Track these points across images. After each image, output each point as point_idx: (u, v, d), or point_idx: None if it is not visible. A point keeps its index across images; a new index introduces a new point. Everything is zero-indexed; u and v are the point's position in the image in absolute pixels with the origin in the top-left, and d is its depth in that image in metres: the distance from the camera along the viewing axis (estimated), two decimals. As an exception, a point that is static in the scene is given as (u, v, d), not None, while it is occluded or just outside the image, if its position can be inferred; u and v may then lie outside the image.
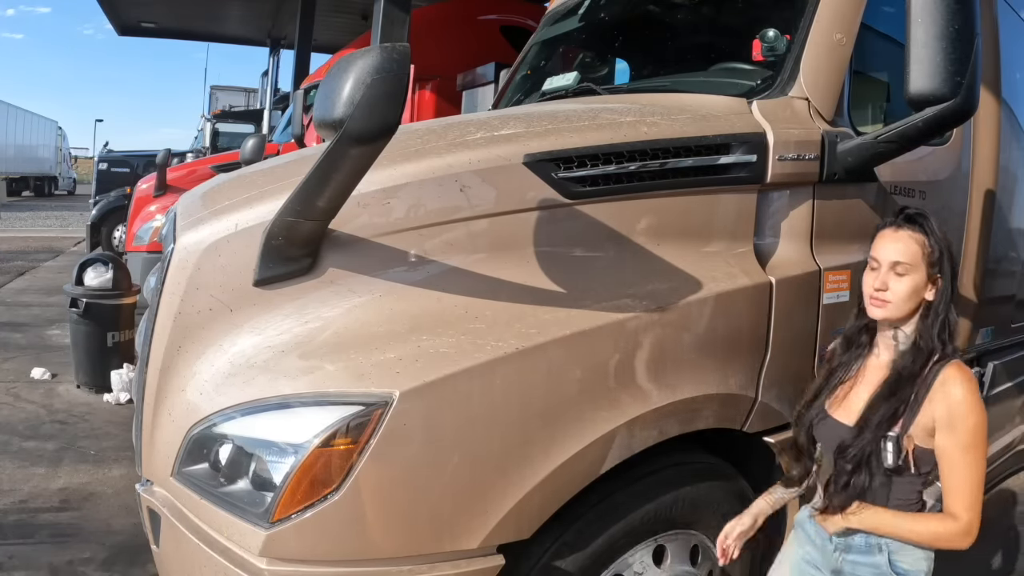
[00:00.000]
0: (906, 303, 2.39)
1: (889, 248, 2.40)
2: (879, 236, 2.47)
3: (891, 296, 2.38)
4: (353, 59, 1.85)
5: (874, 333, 2.56)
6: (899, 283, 2.37)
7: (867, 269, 2.49)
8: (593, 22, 4.30)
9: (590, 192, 2.47)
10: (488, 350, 2.14)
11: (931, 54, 2.61)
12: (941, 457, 2.29)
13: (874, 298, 2.40)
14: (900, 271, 2.37)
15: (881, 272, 2.40)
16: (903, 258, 2.37)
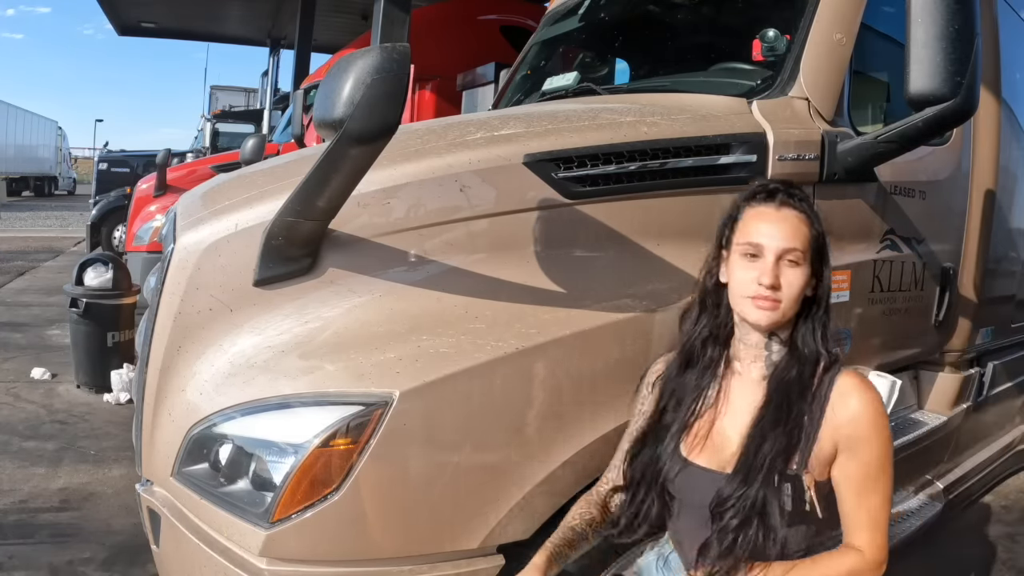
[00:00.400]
0: (797, 302, 1.99)
1: (775, 231, 1.98)
2: (753, 214, 2.04)
3: (783, 294, 1.95)
4: (353, 59, 1.85)
5: (725, 345, 2.14)
6: (792, 276, 1.96)
7: (734, 258, 2.05)
8: (593, 22, 4.30)
9: (590, 192, 2.47)
10: (488, 350, 2.14)
11: (931, 54, 2.61)
12: (843, 484, 1.95)
13: (760, 298, 1.95)
14: (792, 259, 1.96)
15: (766, 262, 1.95)
16: (797, 243, 1.97)
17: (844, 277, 3.02)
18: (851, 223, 3.11)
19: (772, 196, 2.04)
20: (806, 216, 2.02)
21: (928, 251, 3.62)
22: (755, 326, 2.02)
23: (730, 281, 2.07)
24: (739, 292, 2.01)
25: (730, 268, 2.07)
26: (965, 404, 4.22)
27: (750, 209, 2.06)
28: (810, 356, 2.01)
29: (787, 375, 2.00)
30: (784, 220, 2.00)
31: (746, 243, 2.01)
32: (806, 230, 2.00)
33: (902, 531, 3.68)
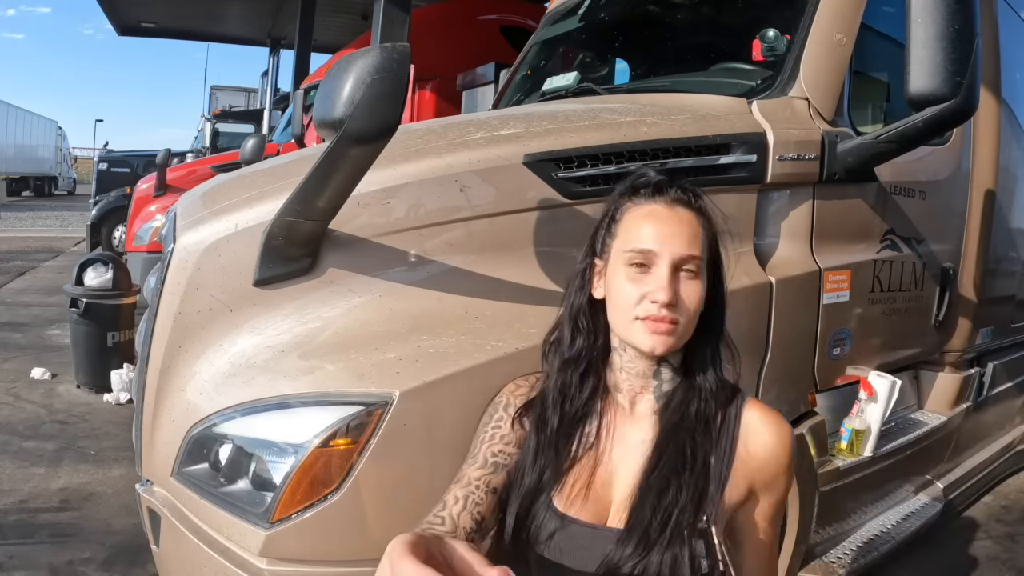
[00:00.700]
0: (695, 321, 1.66)
1: (670, 234, 1.63)
2: (640, 214, 1.69)
3: (682, 312, 1.62)
4: (353, 59, 1.85)
5: (600, 375, 1.78)
6: (691, 290, 1.63)
7: (615, 269, 1.70)
8: (593, 22, 4.30)
9: (590, 192, 2.47)
10: (488, 350, 2.14)
11: (931, 54, 2.61)
12: (748, 530, 1.72)
13: (655, 319, 1.59)
14: (691, 269, 1.63)
15: (660, 274, 1.60)
16: (696, 249, 1.64)
17: (844, 277, 3.03)
18: (851, 223, 3.11)
19: (661, 190, 1.70)
20: (703, 216, 1.71)
21: (928, 251, 3.62)
22: (647, 354, 1.64)
23: (610, 297, 1.70)
24: (625, 312, 1.64)
25: (609, 281, 1.71)
26: (965, 404, 4.23)
27: (635, 207, 1.71)
28: (709, 385, 1.71)
29: (685, 410, 1.68)
30: (680, 221, 1.65)
31: (633, 250, 1.64)
32: (703, 233, 1.68)
33: (902, 531, 3.68)
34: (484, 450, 1.75)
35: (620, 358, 1.76)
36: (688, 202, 1.71)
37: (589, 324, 1.78)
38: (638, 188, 1.75)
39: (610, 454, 1.72)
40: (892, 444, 3.47)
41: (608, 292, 1.73)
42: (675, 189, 1.71)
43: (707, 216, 1.73)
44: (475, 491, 1.66)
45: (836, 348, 3.08)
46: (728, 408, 1.72)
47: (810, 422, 2.92)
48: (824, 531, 3.38)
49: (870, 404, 3.19)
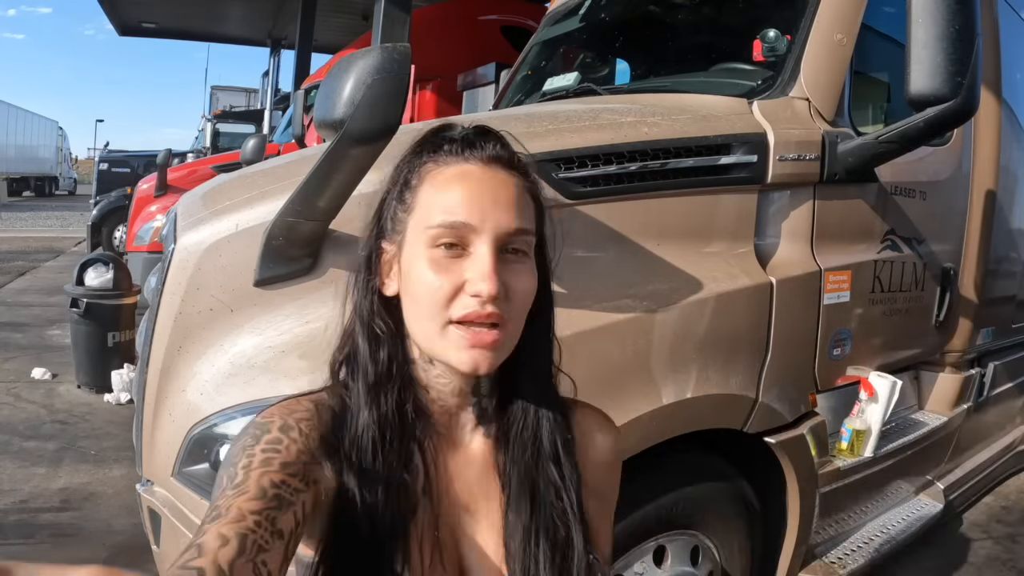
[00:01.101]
0: (524, 319, 1.26)
1: (491, 201, 1.20)
2: (448, 176, 1.23)
3: (512, 309, 1.21)
4: (354, 59, 1.85)
5: (414, 394, 1.31)
6: (522, 276, 1.23)
7: (412, 253, 1.23)
8: (594, 22, 4.30)
9: (591, 192, 2.46)
10: (488, 350, 2.13)
11: (932, 54, 2.62)
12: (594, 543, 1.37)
13: (479, 320, 1.16)
14: (519, 249, 1.22)
15: (480, 257, 1.17)
16: (525, 222, 1.23)
17: (845, 277, 3.03)
18: (852, 223, 3.11)
19: (474, 145, 1.25)
20: (530, 181, 1.31)
21: (929, 251, 3.62)
22: (468, 373, 1.21)
23: (409, 294, 1.24)
24: (431, 314, 1.20)
25: (406, 271, 1.24)
26: (966, 404, 4.23)
27: (438, 169, 1.25)
28: (545, 397, 1.37)
29: (536, 435, 1.33)
30: (503, 185, 1.23)
31: (440, 225, 1.19)
32: (532, 203, 1.28)
33: (903, 531, 3.68)
34: (257, 478, 1.11)
35: (425, 373, 1.31)
36: (510, 161, 1.27)
37: (390, 327, 1.31)
38: (441, 142, 1.27)
39: (450, 500, 1.31)
40: (893, 444, 3.47)
41: (405, 287, 1.25)
42: (493, 143, 1.27)
43: (534, 182, 1.32)
44: (254, 530, 1.05)
45: (837, 348, 3.08)
46: (567, 417, 1.41)
47: (811, 422, 2.92)
48: (825, 531, 3.38)
49: (871, 404, 3.19)
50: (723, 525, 2.74)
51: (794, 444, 2.82)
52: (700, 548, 2.76)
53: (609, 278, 2.45)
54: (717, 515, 2.72)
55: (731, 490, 2.79)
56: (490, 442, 1.36)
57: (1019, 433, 5.48)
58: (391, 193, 1.32)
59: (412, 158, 1.30)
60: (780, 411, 2.79)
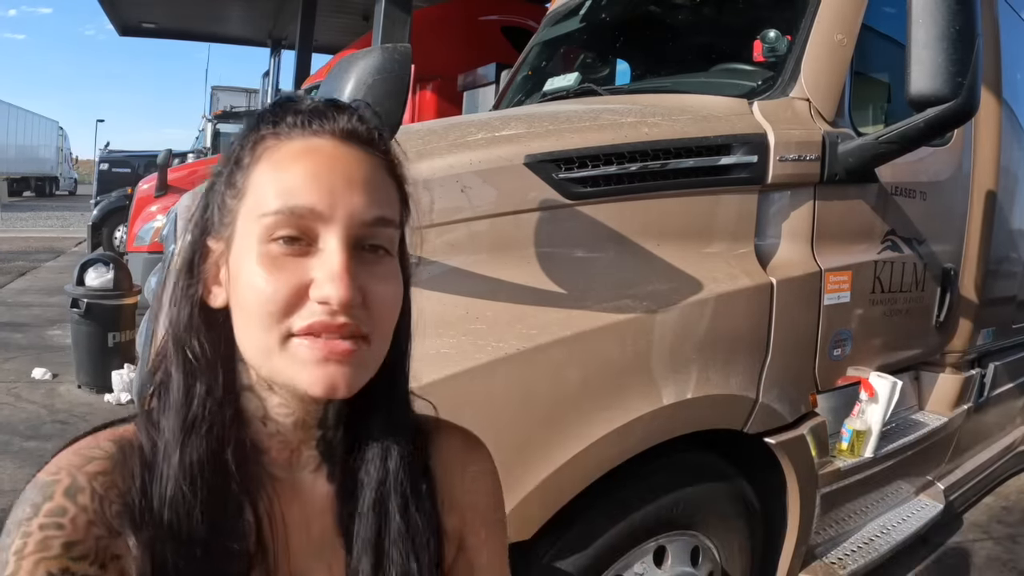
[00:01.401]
0: (391, 334, 1.06)
1: (347, 183, 0.97)
2: (289, 153, 0.98)
3: (374, 318, 0.98)
4: (355, 59, 1.86)
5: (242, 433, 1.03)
6: (385, 278, 1.01)
7: (243, 249, 0.98)
8: (594, 23, 4.30)
9: (591, 193, 2.46)
10: (489, 351, 2.13)
11: (932, 55, 2.62)
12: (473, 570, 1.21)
13: (329, 331, 0.94)
14: (379, 246, 1.00)
15: (330, 252, 0.94)
16: (388, 209, 1.02)
17: (845, 278, 3.03)
18: (852, 224, 3.11)
19: (325, 116, 1.02)
20: (394, 163, 1.09)
21: (929, 252, 3.62)
22: (325, 393, 0.95)
23: (239, 302, 0.98)
24: (266, 326, 0.94)
25: (236, 273, 0.99)
26: (966, 405, 4.23)
27: (279, 143, 1.00)
28: (400, 429, 1.12)
29: (385, 479, 1.09)
30: (360, 164, 0.99)
31: (278, 212, 0.94)
32: (396, 189, 1.07)
33: (903, 532, 3.68)
34: (31, 569, 0.87)
35: (263, 403, 1.04)
36: (369, 137, 1.03)
37: (211, 353, 1.01)
38: (284, 114, 1.02)
39: (289, 559, 1.06)
40: (893, 445, 3.46)
41: (235, 293, 0.99)
42: (348, 115, 1.03)
43: (399, 164, 1.10)
44: None
45: (837, 349, 3.08)
46: (427, 446, 1.20)
47: (811, 423, 2.92)
48: (825, 532, 3.38)
49: (871, 405, 3.19)
50: (723, 525, 2.74)
51: (794, 445, 2.82)
52: (700, 548, 2.76)
53: (609, 278, 2.45)
54: (717, 515, 2.72)
55: (731, 490, 2.79)
56: (334, 487, 1.11)
57: (1019, 433, 5.48)
58: (219, 176, 1.04)
59: (247, 133, 1.03)
60: (780, 411, 2.79)
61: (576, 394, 2.27)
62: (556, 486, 2.23)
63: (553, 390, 2.24)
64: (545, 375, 2.22)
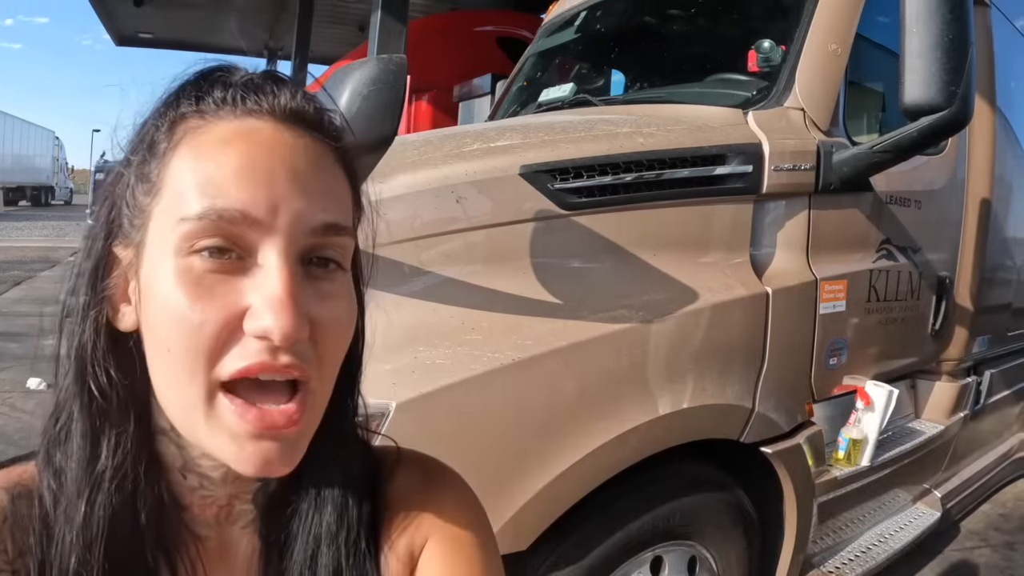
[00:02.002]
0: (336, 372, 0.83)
1: (291, 178, 0.76)
2: (214, 135, 0.76)
3: (325, 358, 0.79)
4: (350, 70, 1.86)
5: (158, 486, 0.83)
6: (338, 299, 0.80)
7: (156, 263, 0.75)
8: (588, 34, 4.32)
9: (586, 203, 2.47)
10: (484, 361, 2.13)
11: (926, 64, 2.63)
12: None
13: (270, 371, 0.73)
14: (330, 259, 0.80)
15: (270, 270, 0.73)
16: (343, 214, 0.83)
17: (840, 287, 3.03)
18: (847, 233, 3.12)
19: (262, 90, 0.81)
20: (343, 151, 0.88)
21: (924, 260, 3.63)
22: (257, 474, 0.76)
23: (151, 330, 0.77)
24: (188, 370, 0.73)
25: (147, 292, 0.77)
26: (962, 413, 4.24)
27: (204, 125, 0.78)
28: (343, 465, 0.92)
29: (321, 537, 0.88)
30: (305, 153, 0.79)
31: (202, 215, 0.72)
32: (348, 185, 0.88)
33: (900, 540, 3.68)
34: None
35: (182, 452, 0.85)
36: (319, 119, 0.84)
37: (122, 390, 0.80)
38: (211, 87, 0.81)
39: None
40: (889, 453, 3.47)
41: (147, 318, 0.78)
42: (290, 91, 0.82)
43: (351, 155, 0.90)
44: None
45: (833, 358, 3.09)
46: (382, 480, 0.99)
47: (807, 432, 2.92)
48: (822, 540, 3.38)
49: (867, 414, 3.19)
50: (720, 535, 2.74)
51: (791, 454, 2.82)
52: (697, 558, 2.76)
53: (605, 288, 2.45)
54: (714, 525, 2.72)
55: (728, 500, 2.79)
56: (265, 543, 0.91)
57: (1016, 441, 5.49)
58: (128, 165, 0.81)
59: (164, 109, 0.81)
60: (776, 421, 2.79)
61: (572, 405, 2.26)
62: (552, 497, 2.22)
63: (549, 401, 2.23)
64: (541, 386, 2.22)
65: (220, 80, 0.81)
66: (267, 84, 0.81)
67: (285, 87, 0.82)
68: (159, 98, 0.82)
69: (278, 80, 0.83)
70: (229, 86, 0.80)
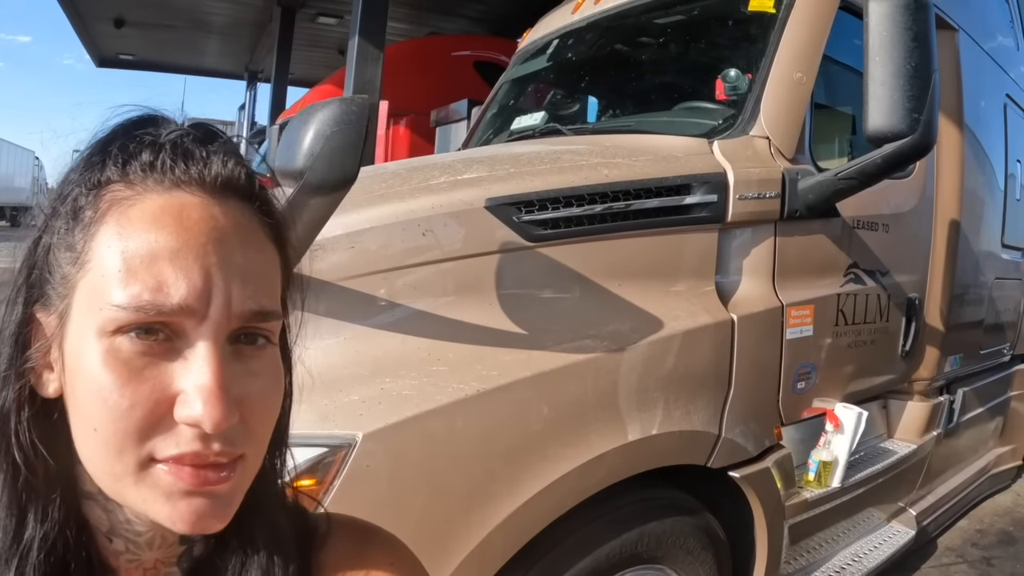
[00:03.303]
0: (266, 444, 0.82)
1: (223, 262, 0.73)
2: (144, 209, 0.73)
3: (252, 437, 0.77)
4: (314, 110, 1.89)
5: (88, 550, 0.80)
6: (264, 380, 0.78)
7: (80, 337, 0.73)
8: (560, 62, 4.37)
9: (551, 235, 2.50)
10: (449, 392, 2.15)
11: (888, 91, 2.69)
12: None
13: (199, 467, 0.72)
14: (262, 335, 0.78)
15: (200, 359, 0.72)
16: (273, 298, 0.80)
17: (807, 312, 3.07)
18: (813, 258, 3.16)
19: (191, 156, 0.78)
20: (274, 220, 0.84)
21: (893, 282, 3.67)
22: (193, 531, 0.76)
23: (77, 406, 0.74)
24: (117, 448, 0.72)
25: (74, 367, 0.74)
26: (935, 431, 4.27)
27: (131, 196, 0.74)
28: (269, 531, 0.88)
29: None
30: (238, 232, 0.77)
31: (132, 306, 0.70)
32: (277, 257, 0.83)
33: (875, 559, 3.70)
34: None
35: (107, 515, 0.82)
36: (250, 187, 0.82)
37: (47, 459, 0.77)
38: (139, 148, 0.77)
39: None
40: (861, 474, 3.50)
41: (72, 392, 0.75)
42: (223, 155, 0.81)
43: (280, 221, 0.85)
44: None
45: (801, 382, 3.12)
46: (310, 547, 0.94)
47: (776, 455, 2.94)
48: (796, 561, 3.40)
49: (837, 436, 3.22)
50: (690, 559, 2.76)
51: (759, 477, 2.84)
52: (666, 583, 2.78)
53: (570, 319, 2.48)
54: (683, 549, 2.73)
55: (697, 524, 2.80)
56: None
57: (992, 456, 5.54)
58: (50, 229, 0.78)
59: (88, 172, 0.77)
60: (744, 445, 2.82)
61: (538, 433, 2.28)
62: (519, 524, 2.24)
63: (515, 430, 2.25)
64: (507, 415, 2.24)
65: (147, 140, 0.77)
66: (197, 149, 0.78)
67: (216, 151, 0.79)
68: (82, 154, 0.79)
69: (209, 139, 0.80)
70: (157, 148, 0.76)
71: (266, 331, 0.79)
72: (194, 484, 0.72)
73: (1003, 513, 5.65)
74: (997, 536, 5.25)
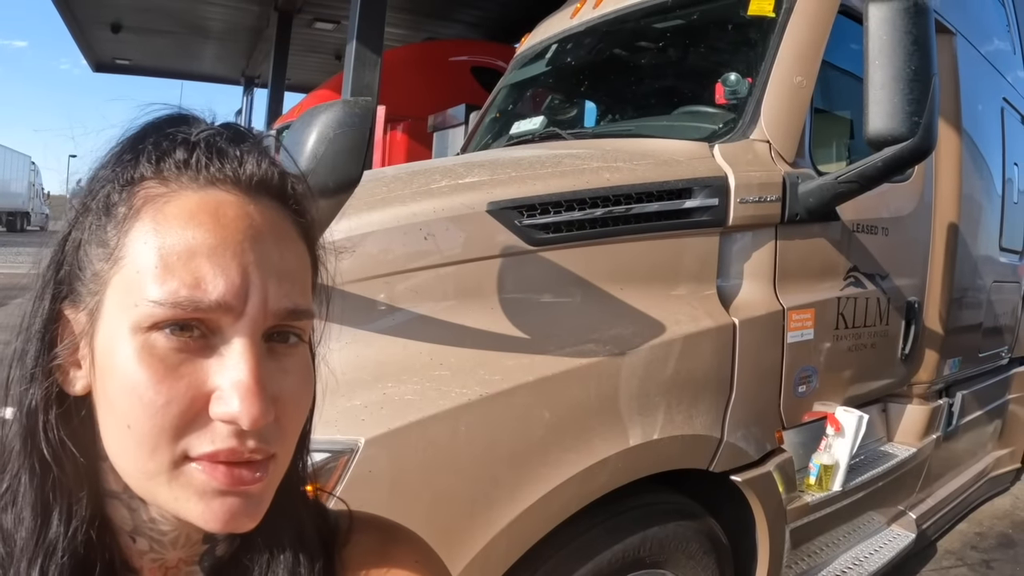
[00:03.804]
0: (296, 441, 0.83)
1: (260, 261, 0.74)
2: (178, 208, 0.73)
3: (284, 433, 0.78)
4: (317, 113, 1.88)
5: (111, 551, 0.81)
6: (296, 377, 0.79)
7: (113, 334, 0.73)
8: (559, 66, 4.37)
9: (553, 239, 2.50)
10: (452, 397, 2.14)
11: (888, 95, 2.69)
12: None
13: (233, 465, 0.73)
14: (293, 332, 0.79)
15: (236, 357, 0.72)
16: (306, 296, 0.82)
17: (808, 315, 3.07)
18: (814, 262, 3.16)
19: (226, 155, 0.78)
20: (306, 219, 0.85)
21: (892, 286, 3.68)
22: (224, 530, 0.76)
23: (108, 404, 0.75)
24: (150, 446, 0.72)
25: (104, 365, 0.74)
26: (935, 435, 4.27)
27: (166, 193, 0.75)
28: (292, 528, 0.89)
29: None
30: (274, 231, 0.78)
31: (169, 302, 0.70)
32: (308, 258, 0.86)
33: (875, 563, 3.70)
34: None
35: (132, 514, 0.82)
36: (284, 188, 0.81)
37: (73, 456, 0.77)
38: (172, 146, 0.77)
39: None
40: (862, 477, 3.50)
41: (103, 389, 0.75)
42: (256, 156, 0.79)
43: (312, 221, 0.87)
44: None
45: (802, 385, 3.11)
46: (334, 544, 0.96)
47: (777, 459, 2.94)
48: (797, 565, 3.39)
49: (837, 439, 3.22)
50: (692, 563, 2.75)
51: (761, 481, 2.84)
52: (669, 587, 2.78)
53: (572, 323, 2.48)
54: (686, 554, 2.73)
55: (699, 528, 2.80)
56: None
57: (991, 459, 5.54)
58: (80, 224, 0.78)
59: (120, 168, 0.77)
60: (746, 450, 2.82)
61: (541, 438, 2.28)
62: (522, 529, 2.23)
63: (517, 434, 2.25)
64: (509, 420, 2.23)
65: (180, 137, 0.77)
66: (230, 147, 0.78)
67: (250, 151, 0.79)
68: (113, 150, 0.79)
69: (240, 138, 0.80)
70: (191, 146, 0.77)
71: (298, 329, 0.79)
72: (228, 483, 0.73)
73: (1002, 516, 5.65)
74: (996, 539, 5.24)
